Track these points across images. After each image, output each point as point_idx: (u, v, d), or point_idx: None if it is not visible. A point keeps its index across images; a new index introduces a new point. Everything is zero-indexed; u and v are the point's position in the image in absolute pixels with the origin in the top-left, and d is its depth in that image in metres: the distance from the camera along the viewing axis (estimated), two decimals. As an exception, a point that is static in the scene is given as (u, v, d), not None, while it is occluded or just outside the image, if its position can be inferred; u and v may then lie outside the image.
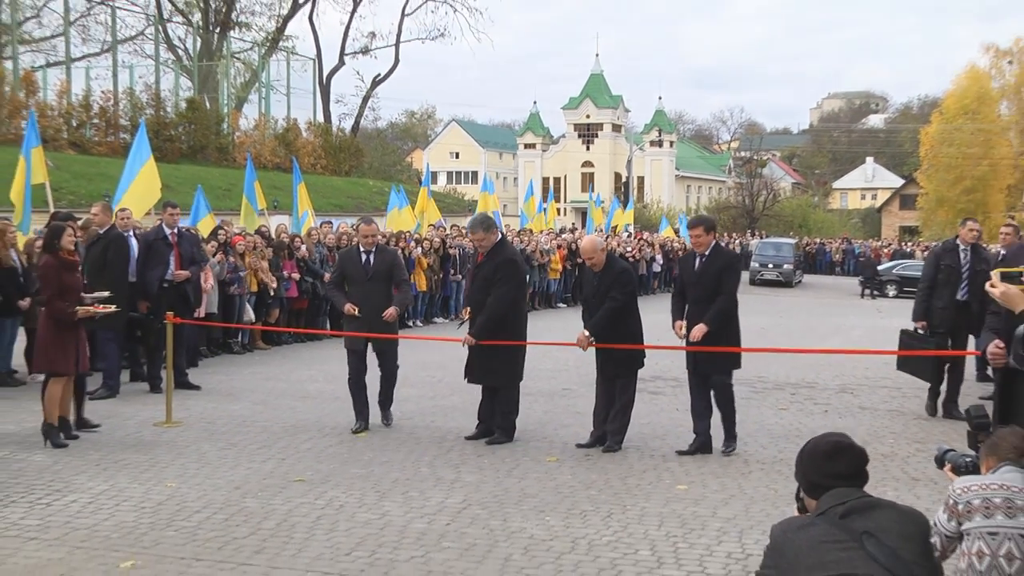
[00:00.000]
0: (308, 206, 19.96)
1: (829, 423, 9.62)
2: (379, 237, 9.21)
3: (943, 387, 9.87)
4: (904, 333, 10.26)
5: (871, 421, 9.85)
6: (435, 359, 8.74)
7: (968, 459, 4.02)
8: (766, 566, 3.30)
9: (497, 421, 8.43)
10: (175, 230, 11.12)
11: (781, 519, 3.52)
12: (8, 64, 30.41)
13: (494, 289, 8.29)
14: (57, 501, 6.39)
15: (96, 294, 8.61)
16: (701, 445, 8.03)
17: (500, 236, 8.76)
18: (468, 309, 8.64)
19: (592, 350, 8.36)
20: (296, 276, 15.27)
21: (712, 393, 8.08)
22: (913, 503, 6.52)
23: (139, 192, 13.93)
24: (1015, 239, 10.40)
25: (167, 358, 9.37)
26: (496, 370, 8.38)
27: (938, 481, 7.07)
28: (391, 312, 8.72)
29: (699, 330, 7.82)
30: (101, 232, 10.41)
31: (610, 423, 8.21)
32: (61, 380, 7.92)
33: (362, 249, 8.87)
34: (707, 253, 8.04)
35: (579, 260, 20.27)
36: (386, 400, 9.03)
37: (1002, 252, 10.34)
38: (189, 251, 11.20)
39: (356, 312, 8.64)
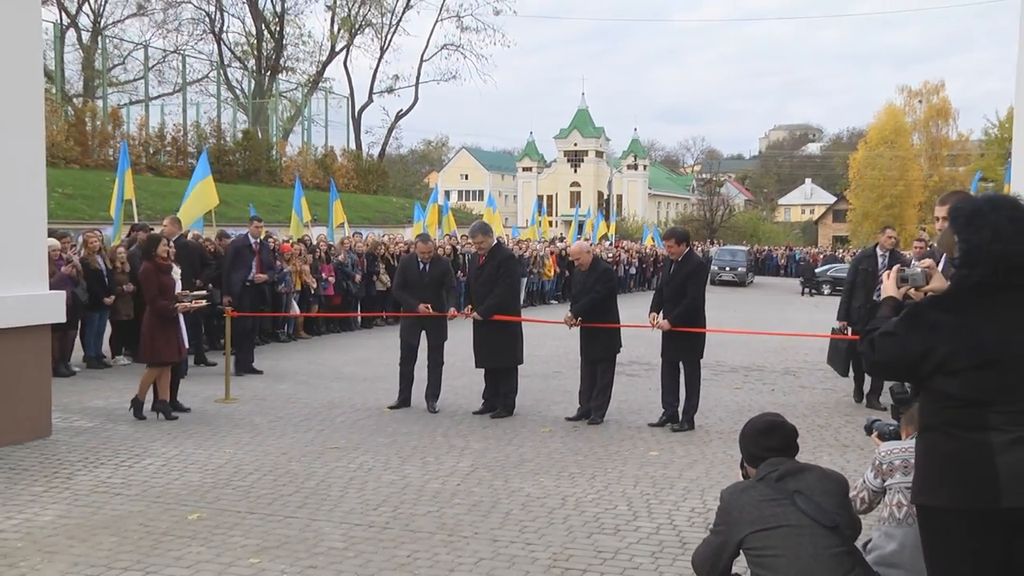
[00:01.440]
0: (343, 219, 20.01)
1: (775, 400, 9.62)
2: (436, 251, 9.22)
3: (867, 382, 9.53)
4: (833, 332, 10.10)
5: (810, 398, 9.84)
6: (446, 346, 8.72)
7: (891, 427, 4.02)
8: (717, 523, 3.31)
9: (500, 399, 8.41)
10: (258, 240, 11.29)
11: (732, 483, 3.52)
12: (99, 102, 30.65)
13: (500, 280, 8.34)
14: (137, 464, 6.39)
15: (196, 292, 8.71)
16: (669, 418, 8.01)
17: (496, 239, 8.78)
18: (470, 307, 8.59)
19: (577, 336, 8.37)
20: (332, 278, 15.24)
21: (683, 376, 8.05)
22: (844, 466, 6.52)
23: (193, 203, 13.96)
24: (925, 248, 10.34)
25: (225, 344, 9.36)
26: (499, 354, 8.37)
27: (864, 447, 7.07)
28: (453, 312, 8.65)
29: (663, 324, 7.87)
30: (172, 240, 10.41)
31: (594, 400, 8.21)
32: (158, 368, 7.88)
33: (420, 259, 8.75)
34: (679, 260, 7.99)
35: (570, 261, 20.31)
36: (434, 392, 8.60)
37: (913, 259, 10.23)
38: (268, 258, 11.55)
39: (430, 310, 8.49)
